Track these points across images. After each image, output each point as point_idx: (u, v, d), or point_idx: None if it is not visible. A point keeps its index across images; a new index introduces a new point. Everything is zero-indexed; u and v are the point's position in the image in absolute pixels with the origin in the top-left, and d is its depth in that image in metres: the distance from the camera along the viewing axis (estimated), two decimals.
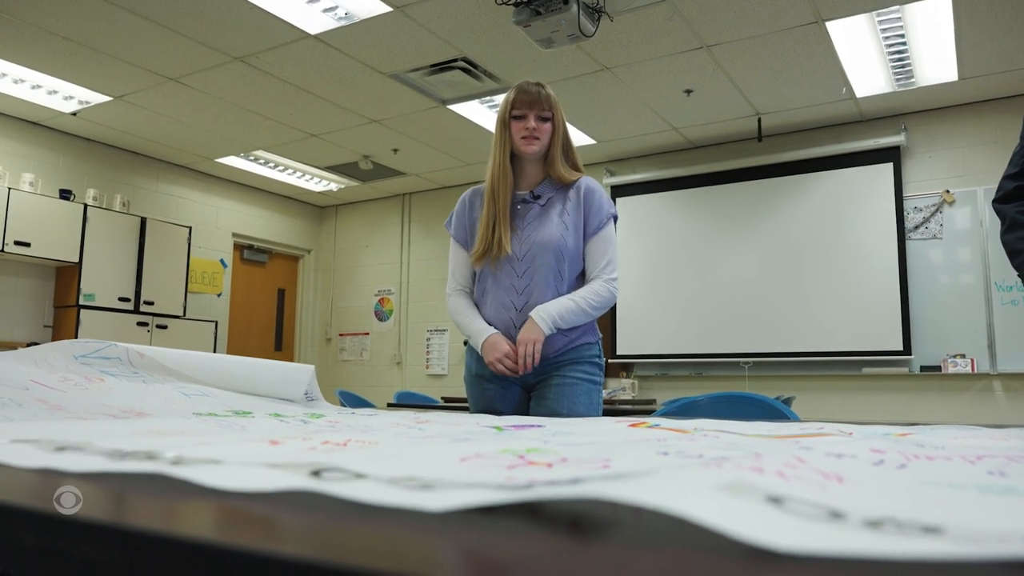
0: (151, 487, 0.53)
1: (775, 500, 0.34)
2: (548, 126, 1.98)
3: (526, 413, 1.99)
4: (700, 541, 0.32)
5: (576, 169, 2.06)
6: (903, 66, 4.61)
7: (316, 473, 0.50)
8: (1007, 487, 0.48)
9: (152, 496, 0.51)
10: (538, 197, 2.02)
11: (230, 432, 0.93)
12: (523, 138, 1.96)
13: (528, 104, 1.97)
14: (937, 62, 4.55)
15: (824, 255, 5.44)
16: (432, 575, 0.29)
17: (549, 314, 1.91)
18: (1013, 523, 0.36)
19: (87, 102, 5.29)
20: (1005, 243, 2.04)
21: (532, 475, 0.50)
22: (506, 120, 1.99)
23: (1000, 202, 2.08)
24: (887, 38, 4.27)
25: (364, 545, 0.36)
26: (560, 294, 1.97)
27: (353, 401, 3.82)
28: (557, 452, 0.68)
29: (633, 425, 1.18)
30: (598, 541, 0.35)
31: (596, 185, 2.05)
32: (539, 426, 1.19)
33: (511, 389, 2.03)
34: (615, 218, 2.04)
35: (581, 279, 2.04)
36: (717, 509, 0.31)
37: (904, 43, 4.32)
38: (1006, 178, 2.07)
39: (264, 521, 0.43)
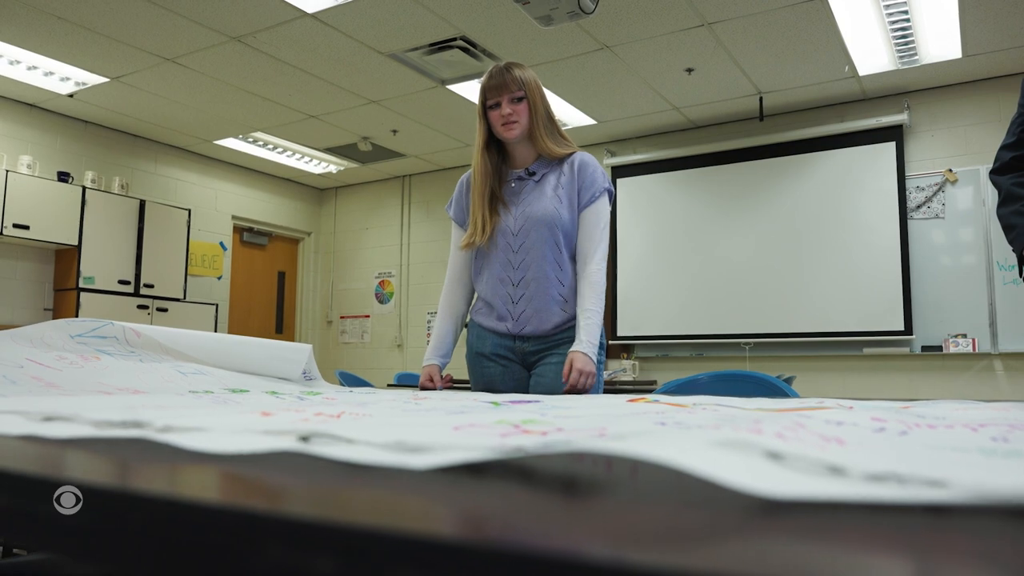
0: (139, 454, 0.52)
1: (774, 456, 0.33)
2: (523, 106, 1.95)
3: (526, 392, 1.99)
4: (696, 496, 0.31)
5: (564, 139, 2.03)
6: (906, 43, 4.56)
7: (305, 439, 0.49)
8: (1012, 451, 0.47)
9: (140, 462, 0.50)
10: (533, 174, 2.02)
11: (224, 407, 0.92)
12: (502, 125, 1.95)
13: (497, 90, 1.95)
14: (941, 39, 4.50)
15: (825, 235, 5.42)
16: (425, 531, 0.28)
17: (590, 341, 1.89)
18: (1022, 480, 0.34)
19: (84, 83, 5.25)
20: (1000, 216, 1.94)
21: (526, 441, 0.49)
22: (482, 112, 1.99)
23: (997, 173, 1.98)
24: (890, 15, 4.22)
25: (355, 505, 0.35)
26: (559, 266, 1.97)
27: (353, 382, 3.81)
28: (553, 423, 0.67)
29: (632, 400, 1.17)
30: (593, 498, 0.34)
31: (590, 159, 2.03)
32: (536, 401, 1.18)
33: (511, 367, 2.03)
34: (610, 194, 2.02)
35: None
36: (715, 462, 0.30)
37: (907, 20, 4.27)
38: (1003, 148, 1.97)
39: (253, 483, 0.42)
